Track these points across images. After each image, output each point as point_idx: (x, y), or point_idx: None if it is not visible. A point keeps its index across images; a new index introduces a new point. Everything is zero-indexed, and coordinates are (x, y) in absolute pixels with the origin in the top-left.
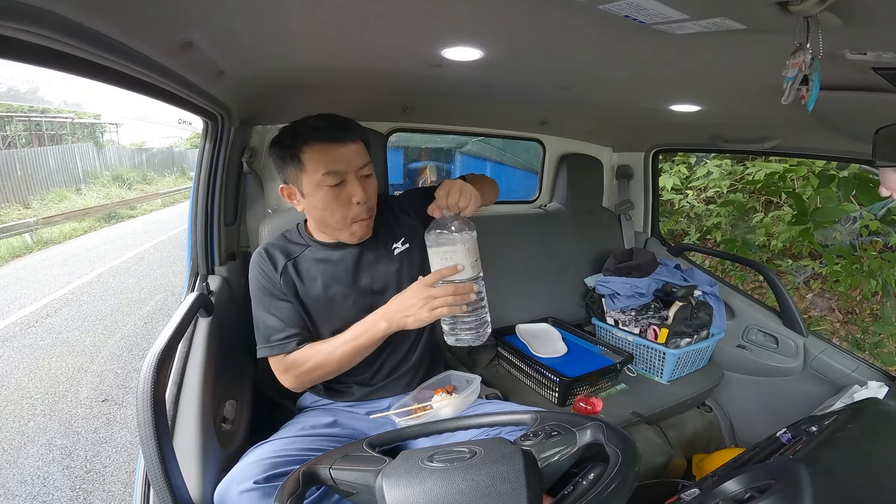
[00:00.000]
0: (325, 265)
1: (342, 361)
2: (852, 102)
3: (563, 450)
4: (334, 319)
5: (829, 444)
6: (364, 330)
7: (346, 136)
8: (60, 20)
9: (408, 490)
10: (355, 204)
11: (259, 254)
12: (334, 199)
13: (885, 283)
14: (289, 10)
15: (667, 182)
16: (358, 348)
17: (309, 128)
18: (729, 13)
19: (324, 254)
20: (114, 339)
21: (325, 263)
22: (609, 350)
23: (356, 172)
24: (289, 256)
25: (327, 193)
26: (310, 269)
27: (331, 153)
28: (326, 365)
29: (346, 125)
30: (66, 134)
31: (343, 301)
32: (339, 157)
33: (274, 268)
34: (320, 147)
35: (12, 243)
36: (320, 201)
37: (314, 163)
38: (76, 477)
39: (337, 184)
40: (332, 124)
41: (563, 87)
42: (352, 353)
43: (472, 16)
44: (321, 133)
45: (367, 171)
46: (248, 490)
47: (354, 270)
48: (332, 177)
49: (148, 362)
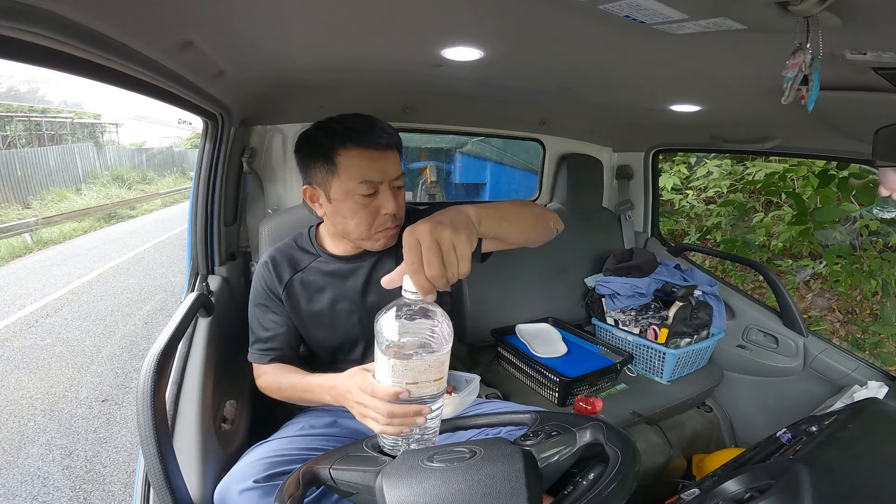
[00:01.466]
0: (334, 279)
1: (296, 399)
2: (852, 102)
3: (563, 450)
4: (337, 335)
5: (829, 444)
6: (312, 389)
7: (387, 143)
8: (60, 20)
9: (408, 490)
10: (383, 215)
11: (265, 263)
12: (363, 209)
13: (885, 283)
14: (289, 11)
15: (667, 182)
16: (307, 402)
17: (349, 129)
18: (729, 13)
19: (334, 266)
20: (114, 339)
21: (334, 277)
22: (609, 350)
23: (390, 183)
24: (295, 269)
25: (358, 202)
26: (317, 282)
27: (370, 160)
28: (281, 392)
29: (386, 130)
30: (66, 134)
31: (348, 317)
32: (379, 166)
33: (278, 280)
34: (359, 152)
35: (12, 243)
36: (349, 210)
37: (351, 168)
38: (76, 477)
39: (370, 193)
40: (373, 127)
41: (563, 87)
42: (301, 402)
43: (472, 16)
44: (362, 137)
45: (400, 181)
46: (248, 489)
47: (364, 287)
48: (367, 186)
49: (148, 362)
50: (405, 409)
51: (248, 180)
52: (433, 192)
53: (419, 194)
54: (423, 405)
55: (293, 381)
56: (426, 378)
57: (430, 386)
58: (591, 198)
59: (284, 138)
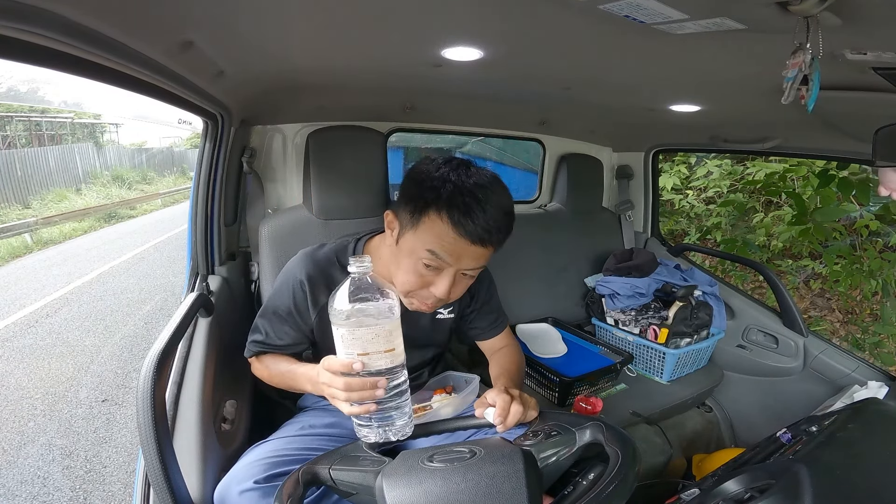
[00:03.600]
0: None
1: (283, 386)
2: (852, 102)
3: (563, 449)
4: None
5: (829, 444)
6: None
7: (481, 239)
8: (60, 20)
9: (408, 490)
10: (432, 293)
11: (301, 281)
12: (416, 275)
13: (885, 283)
14: (289, 11)
15: (667, 182)
16: (293, 389)
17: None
18: (729, 13)
19: None
20: (114, 339)
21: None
22: (609, 350)
23: (459, 270)
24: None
25: (416, 265)
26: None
27: (452, 243)
28: (270, 378)
29: (501, 227)
30: (66, 134)
31: None
32: (458, 251)
33: (313, 305)
34: (446, 226)
35: (12, 243)
36: (404, 265)
37: (431, 234)
38: (76, 477)
39: (432, 266)
40: (480, 213)
41: (563, 88)
42: (288, 389)
43: (472, 16)
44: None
45: (474, 273)
46: (248, 490)
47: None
48: (432, 258)
49: (148, 362)
50: (361, 382)
51: (248, 180)
52: None
53: None
54: (379, 378)
55: (282, 368)
56: (376, 348)
57: (381, 358)
58: (591, 198)
59: (284, 138)
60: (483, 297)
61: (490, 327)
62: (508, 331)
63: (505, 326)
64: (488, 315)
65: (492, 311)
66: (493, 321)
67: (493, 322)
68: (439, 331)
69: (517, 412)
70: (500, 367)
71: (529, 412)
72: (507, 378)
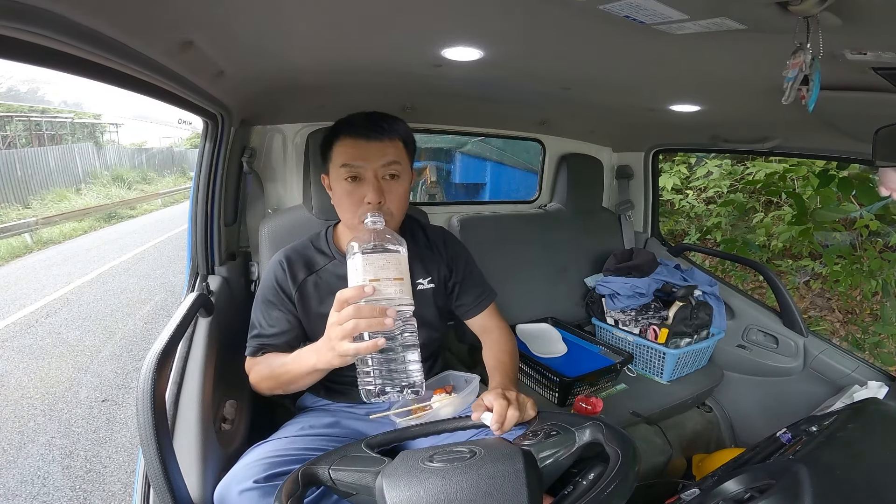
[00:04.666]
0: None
1: (286, 381)
2: (852, 102)
3: (563, 449)
4: None
5: (829, 444)
6: (300, 355)
7: (376, 134)
8: (60, 20)
9: (408, 490)
10: (366, 203)
11: (279, 262)
12: (348, 196)
13: (885, 283)
14: (289, 11)
15: (667, 182)
16: (295, 377)
17: (347, 122)
18: (729, 13)
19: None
20: (114, 339)
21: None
22: (609, 350)
23: (375, 171)
24: (310, 269)
25: (343, 187)
26: (330, 285)
27: (354, 147)
28: (271, 377)
29: (381, 122)
30: (66, 134)
31: None
32: (361, 153)
33: (292, 280)
34: (347, 140)
35: (12, 243)
36: (337, 196)
37: (338, 154)
38: (76, 477)
39: (354, 178)
40: (369, 120)
41: (563, 87)
42: (290, 382)
43: (472, 16)
44: (353, 128)
45: (389, 171)
46: (248, 489)
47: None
48: (347, 169)
49: (148, 362)
50: (370, 308)
51: (248, 180)
52: (433, 192)
53: (419, 194)
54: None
55: (284, 359)
56: (386, 275)
57: (391, 285)
58: (591, 198)
59: (284, 138)
60: (463, 270)
61: (475, 303)
62: (496, 309)
63: (491, 301)
64: (473, 289)
65: (475, 284)
66: (479, 295)
67: (479, 296)
68: (422, 302)
69: (514, 417)
70: (495, 357)
71: (528, 412)
72: (502, 372)
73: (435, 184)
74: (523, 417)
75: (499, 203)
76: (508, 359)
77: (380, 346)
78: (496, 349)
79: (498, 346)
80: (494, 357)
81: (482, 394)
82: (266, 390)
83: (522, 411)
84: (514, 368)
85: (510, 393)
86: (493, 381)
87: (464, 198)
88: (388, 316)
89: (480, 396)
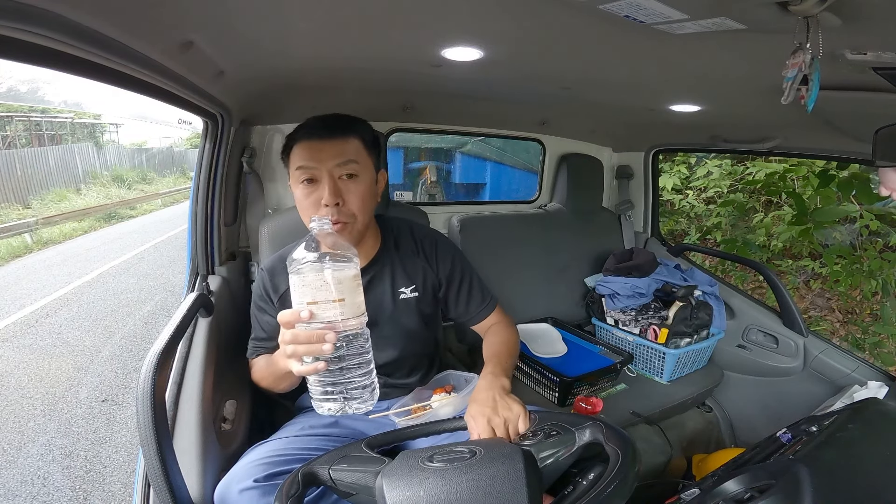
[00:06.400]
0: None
1: (273, 384)
2: (852, 102)
3: (563, 449)
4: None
5: (829, 444)
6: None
7: (329, 134)
8: (60, 20)
9: (408, 490)
10: (323, 206)
11: (263, 273)
12: (305, 198)
13: (885, 283)
14: (289, 11)
15: (667, 182)
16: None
17: (303, 126)
18: (729, 13)
19: None
20: (114, 339)
21: None
22: (609, 350)
23: (330, 171)
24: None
25: (301, 191)
26: None
27: (308, 149)
28: (266, 377)
29: (335, 122)
30: (66, 134)
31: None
32: (314, 154)
33: (273, 290)
34: (303, 143)
35: (12, 243)
36: (297, 200)
37: (294, 158)
38: (76, 477)
39: (310, 181)
40: (322, 122)
41: (563, 87)
42: (274, 381)
43: (472, 16)
44: (308, 130)
45: (346, 170)
46: (248, 489)
47: None
48: (302, 172)
49: (148, 362)
50: (308, 333)
51: (248, 180)
52: (433, 192)
53: (419, 194)
54: (326, 331)
55: (269, 361)
56: (325, 297)
57: (330, 308)
58: (591, 198)
59: (284, 138)
60: (455, 275)
61: (478, 310)
62: (500, 309)
63: (493, 309)
64: (473, 297)
65: (475, 292)
66: (481, 302)
67: (481, 303)
68: (405, 312)
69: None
70: (489, 349)
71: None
72: (496, 362)
73: (435, 184)
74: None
75: (499, 203)
76: (506, 349)
77: (319, 369)
78: (493, 339)
79: (496, 336)
80: (489, 348)
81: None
82: (266, 388)
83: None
84: (511, 357)
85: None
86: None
87: (464, 198)
88: (326, 341)
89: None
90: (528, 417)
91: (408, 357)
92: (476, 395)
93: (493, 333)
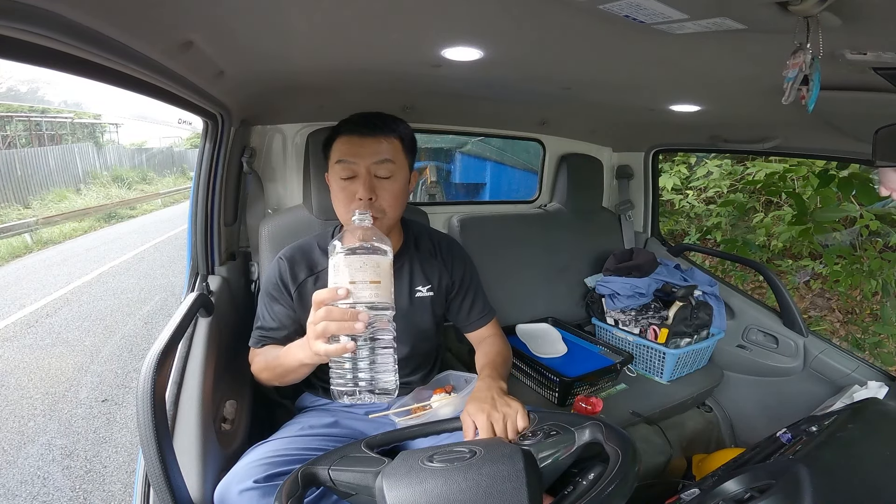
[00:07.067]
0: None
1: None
2: (852, 102)
3: (562, 449)
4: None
5: (829, 444)
6: (290, 349)
7: (370, 131)
8: (60, 20)
9: (408, 490)
10: (357, 200)
11: (281, 259)
12: (342, 191)
13: (885, 283)
14: (289, 11)
15: (667, 182)
16: (286, 371)
17: (347, 120)
18: (729, 13)
19: None
20: (114, 339)
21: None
22: (609, 350)
23: (368, 167)
24: (312, 270)
25: (338, 184)
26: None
27: (349, 144)
28: (268, 368)
29: (378, 120)
30: (66, 134)
31: None
32: (355, 149)
33: (292, 279)
34: (343, 138)
35: (12, 243)
36: (333, 193)
37: (335, 151)
38: (76, 477)
39: (348, 176)
40: (365, 119)
41: (563, 87)
42: (282, 373)
43: (472, 16)
44: (352, 125)
45: (383, 170)
46: (248, 490)
47: None
48: (341, 166)
49: (148, 362)
50: (342, 311)
51: (248, 180)
52: (433, 192)
53: (419, 194)
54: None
55: (278, 352)
56: (363, 277)
57: (367, 288)
58: (591, 198)
59: (284, 138)
60: (465, 280)
61: (478, 317)
62: (496, 322)
63: (492, 318)
64: (476, 305)
65: (478, 300)
66: (481, 311)
67: (481, 312)
68: (419, 310)
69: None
70: (484, 358)
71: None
72: (492, 368)
73: (435, 184)
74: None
75: (499, 203)
76: (501, 359)
77: (349, 349)
78: (488, 350)
79: (491, 347)
80: (484, 357)
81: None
82: (265, 381)
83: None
84: (504, 367)
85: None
86: (479, 376)
87: (464, 198)
88: (359, 320)
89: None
90: (527, 416)
91: (415, 356)
92: (475, 394)
93: (489, 345)
